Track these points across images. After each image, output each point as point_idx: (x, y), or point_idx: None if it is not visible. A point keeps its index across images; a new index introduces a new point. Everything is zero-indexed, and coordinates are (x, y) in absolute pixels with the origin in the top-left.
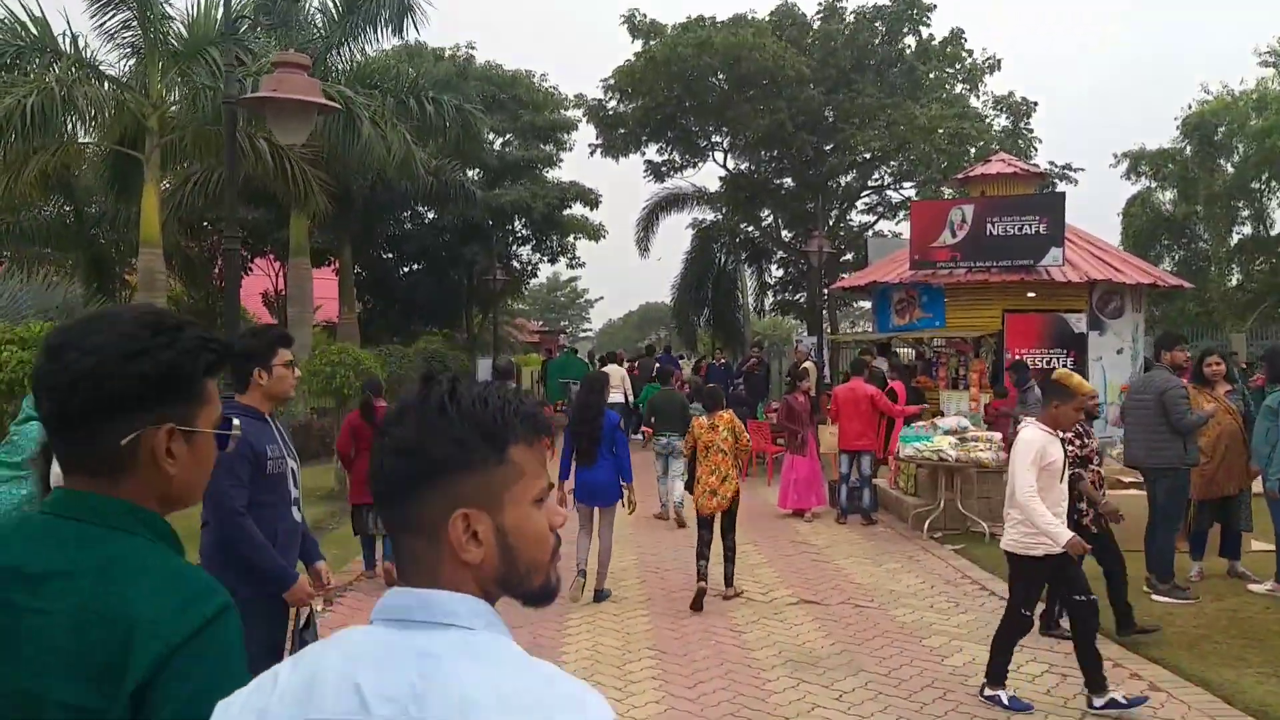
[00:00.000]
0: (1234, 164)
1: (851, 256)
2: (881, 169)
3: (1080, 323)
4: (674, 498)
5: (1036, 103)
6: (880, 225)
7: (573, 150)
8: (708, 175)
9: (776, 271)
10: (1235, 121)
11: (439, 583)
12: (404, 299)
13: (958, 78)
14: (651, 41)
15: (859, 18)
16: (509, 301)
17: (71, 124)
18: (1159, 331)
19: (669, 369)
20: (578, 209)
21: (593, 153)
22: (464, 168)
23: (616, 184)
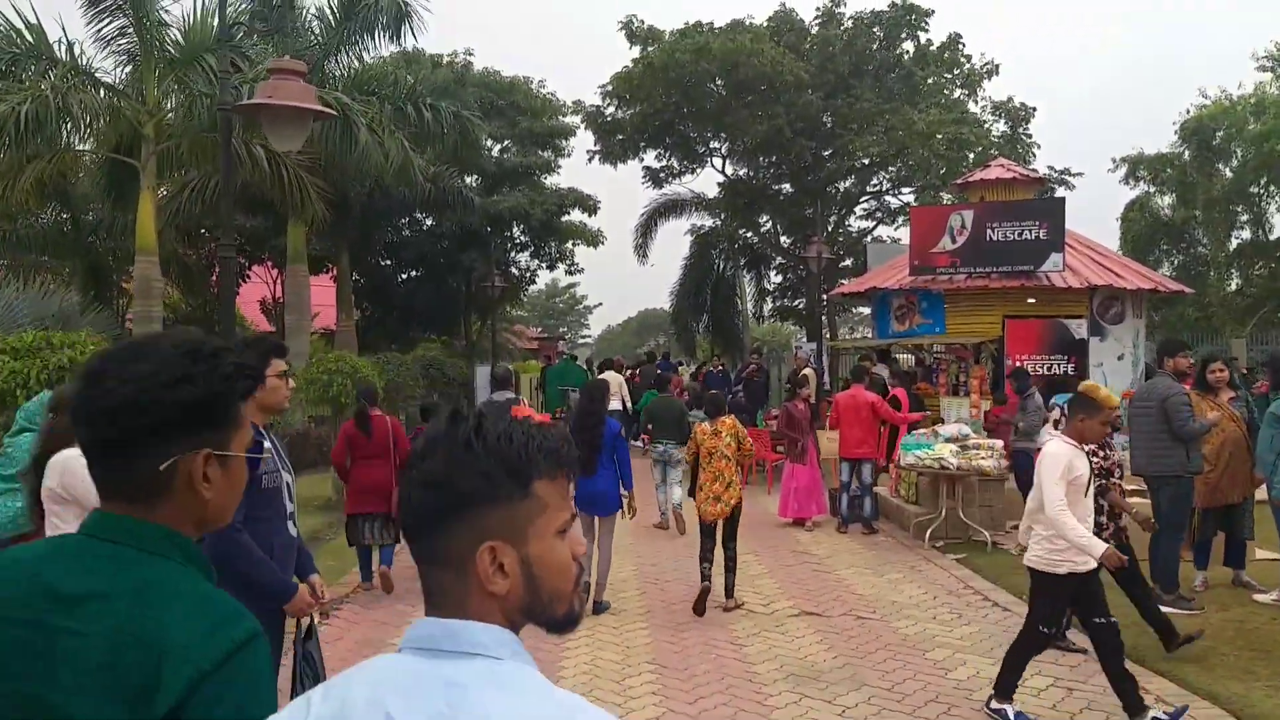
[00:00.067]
0: (1232, 168)
1: (851, 262)
2: (880, 174)
3: (1081, 328)
4: (673, 502)
5: (1035, 108)
6: (879, 231)
7: (571, 156)
8: (706, 181)
9: (775, 277)
10: (1234, 126)
11: (466, 612)
12: (402, 306)
13: (956, 83)
14: (649, 48)
15: (857, 23)
16: (508, 308)
17: (67, 131)
18: (1159, 337)
19: (667, 376)
20: (576, 215)
21: (591, 159)
22: (462, 174)
23: (615, 190)
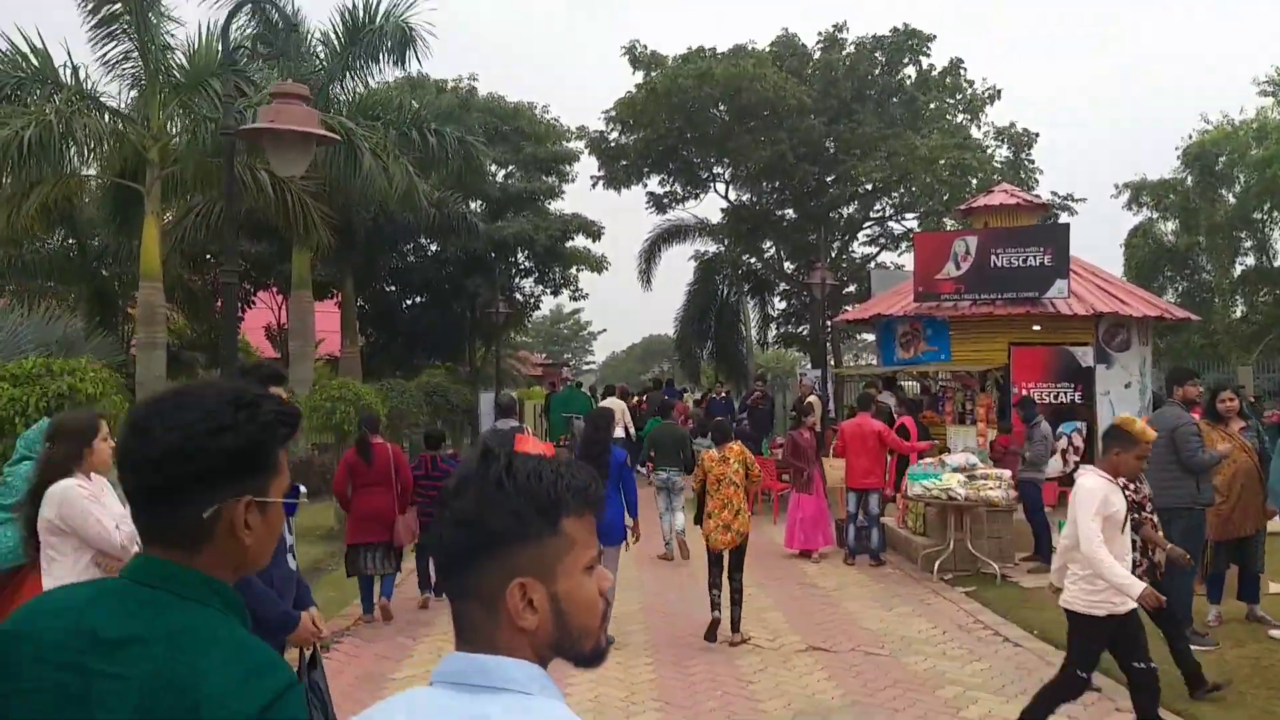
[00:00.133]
0: (1235, 194)
1: (855, 288)
2: (883, 200)
3: (1087, 356)
4: (676, 529)
5: (1038, 134)
6: (883, 256)
7: (575, 182)
8: (710, 207)
9: (779, 303)
10: (1236, 151)
11: (496, 647)
12: (407, 332)
13: (958, 108)
14: (653, 73)
15: (859, 48)
16: (512, 334)
17: (71, 156)
18: (1165, 365)
19: (670, 402)
20: (580, 241)
21: (595, 185)
22: (467, 200)
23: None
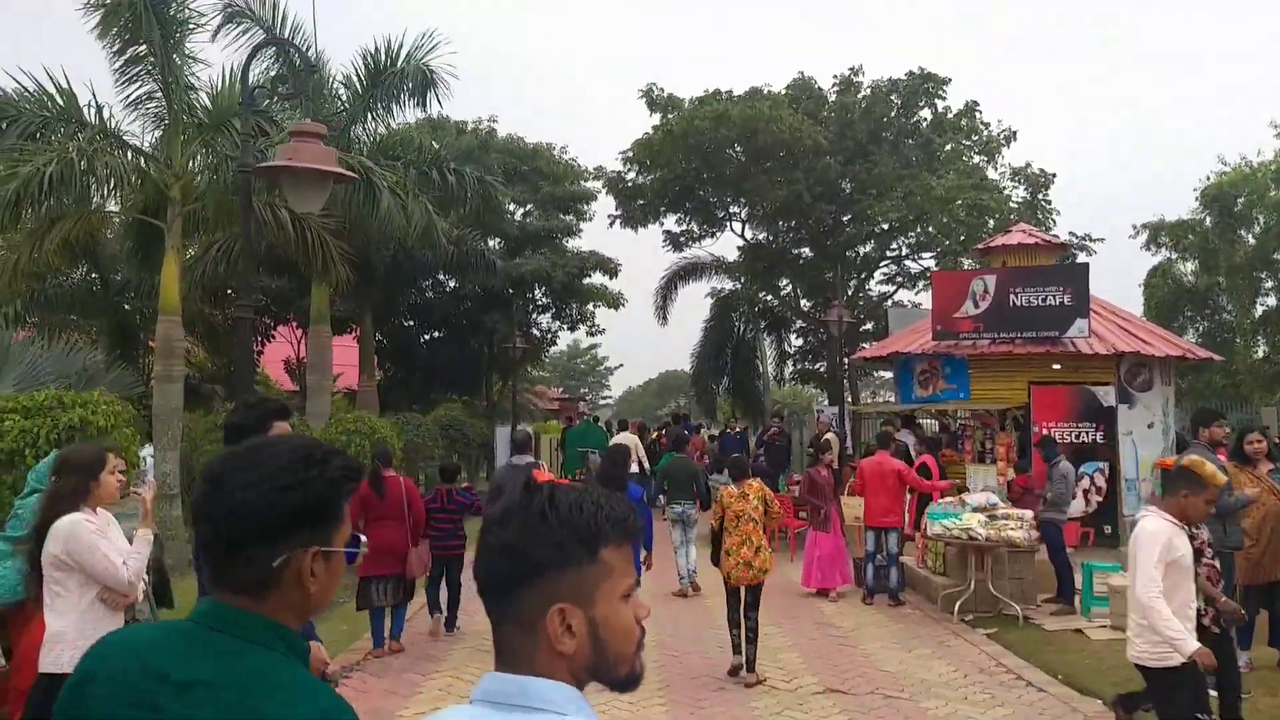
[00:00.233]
0: (1255, 235)
1: (871, 326)
2: (900, 239)
3: (1109, 396)
4: (689, 566)
5: (1055, 174)
6: (900, 295)
7: (592, 220)
8: (726, 245)
9: (796, 341)
10: (1254, 192)
11: (535, 669)
12: (425, 366)
13: (974, 149)
14: (670, 115)
15: (875, 91)
16: (529, 369)
17: (94, 193)
18: (1187, 405)
19: (685, 437)
20: (597, 277)
21: (612, 224)
22: (485, 237)
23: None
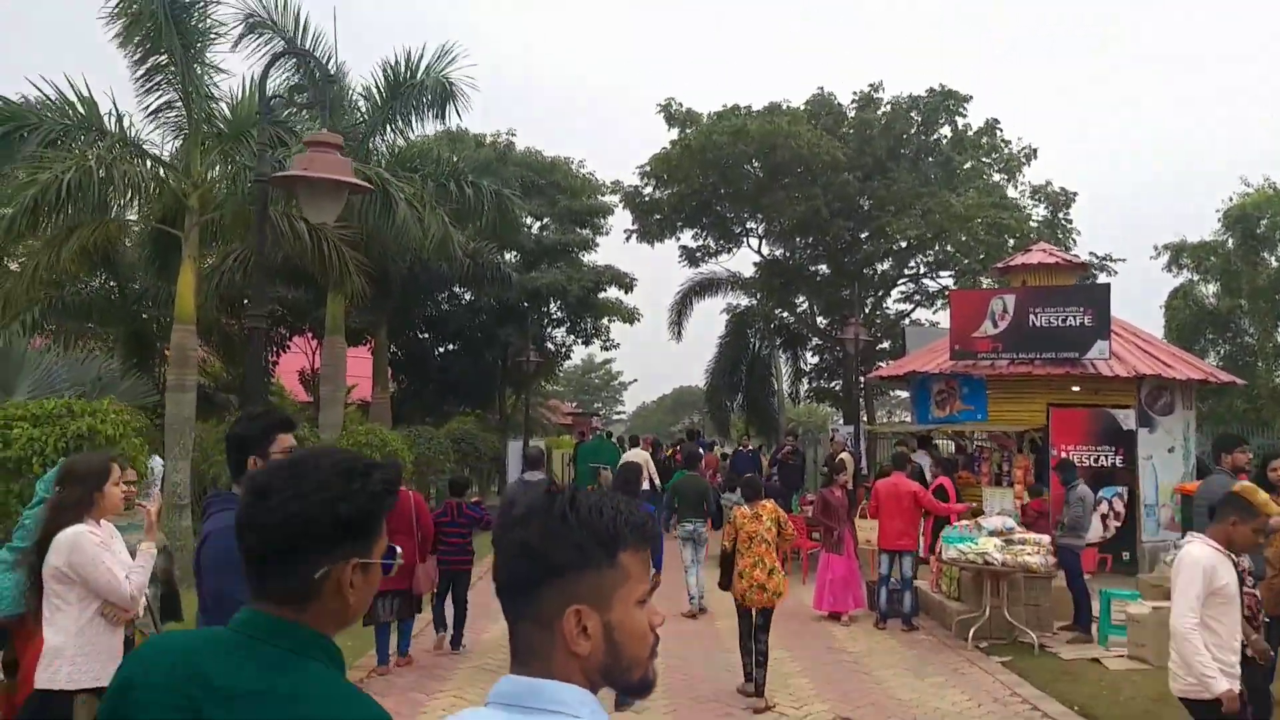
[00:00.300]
0: (1277, 257)
1: (888, 344)
2: (918, 257)
3: (1129, 419)
4: (699, 586)
5: (1076, 193)
6: (917, 313)
7: (609, 234)
8: (742, 261)
9: (812, 358)
10: (1278, 215)
11: (550, 670)
12: (438, 379)
13: (994, 167)
14: (688, 130)
15: (895, 107)
16: (543, 383)
17: (112, 201)
18: (1207, 429)
19: (697, 455)
20: (612, 292)
21: (628, 238)
22: (501, 250)
23: (652, 266)
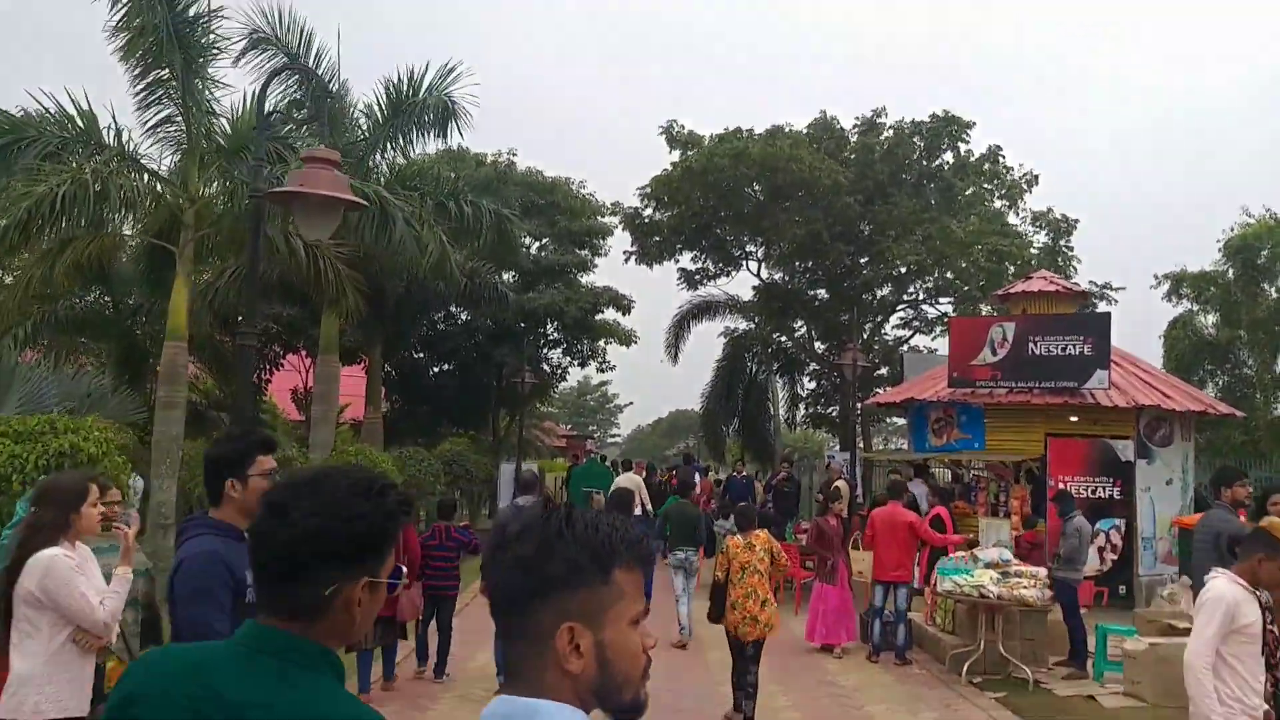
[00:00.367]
0: (1277, 289)
1: (886, 371)
2: (917, 283)
3: (1127, 450)
4: (688, 618)
5: (1077, 220)
6: (915, 340)
7: (608, 256)
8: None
9: (809, 383)
10: (1278, 246)
11: (542, 687)
12: (432, 399)
13: (996, 193)
14: (689, 152)
15: (898, 132)
16: (537, 405)
17: (107, 215)
18: (1205, 461)
19: (690, 482)
20: (610, 314)
21: (627, 259)
22: (499, 270)
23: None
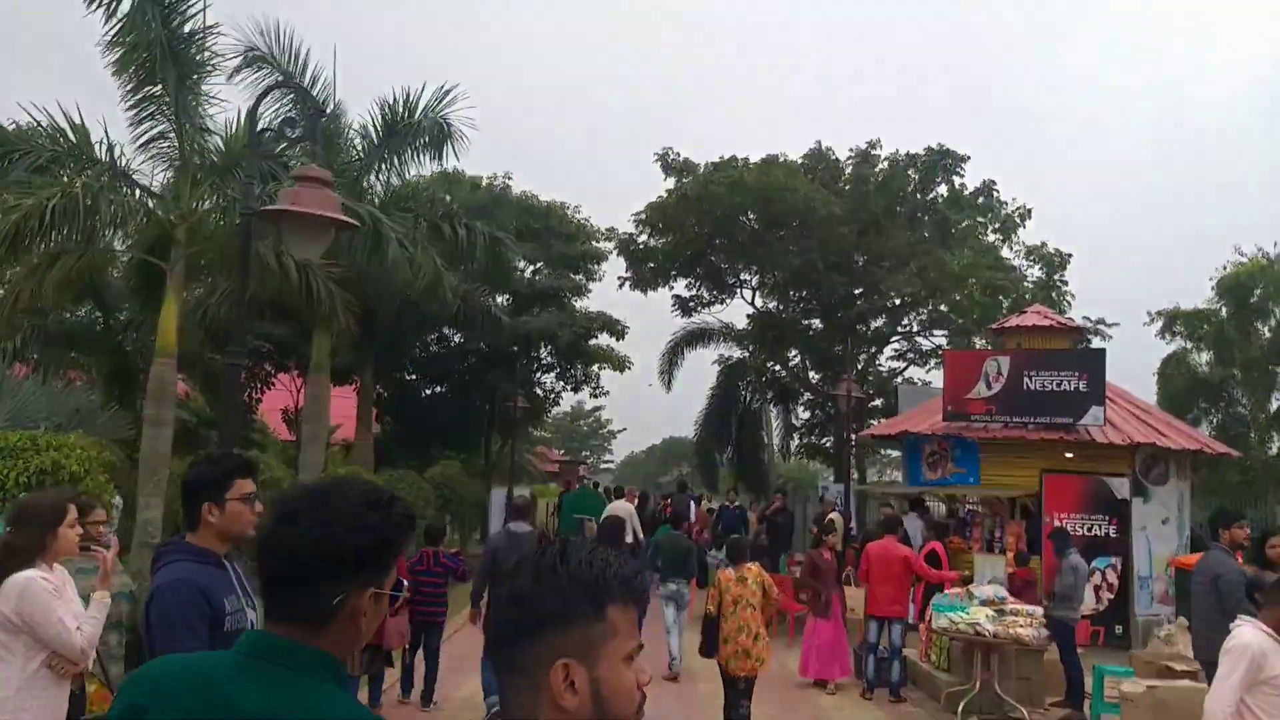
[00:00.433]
0: (1270, 328)
1: (880, 402)
2: (912, 315)
3: (1123, 488)
4: (679, 650)
5: (1071, 254)
6: (910, 372)
7: (602, 280)
8: (735, 312)
9: (803, 413)
10: (1271, 285)
11: None
12: (424, 422)
13: (990, 226)
14: (684, 179)
15: (892, 164)
16: (530, 429)
17: (98, 230)
18: (1199, 501)
19: (683, 513)
20: (604, 339)
21: (621, 285)
22: (493, 294)
23: (643, 315)
